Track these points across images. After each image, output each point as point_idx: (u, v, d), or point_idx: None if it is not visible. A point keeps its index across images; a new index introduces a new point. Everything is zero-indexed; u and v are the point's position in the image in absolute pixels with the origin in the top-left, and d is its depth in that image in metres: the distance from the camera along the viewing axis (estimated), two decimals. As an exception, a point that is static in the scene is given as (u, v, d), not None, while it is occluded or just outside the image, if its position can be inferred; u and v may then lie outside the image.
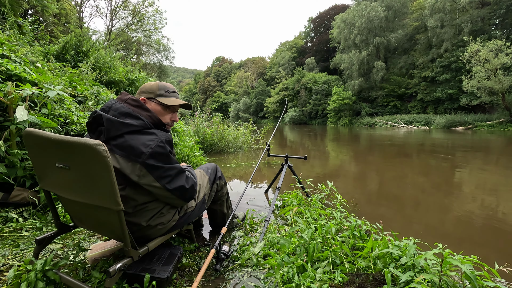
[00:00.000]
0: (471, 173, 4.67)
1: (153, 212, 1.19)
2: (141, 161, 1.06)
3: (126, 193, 1.08)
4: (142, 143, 1.08)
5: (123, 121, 1.09)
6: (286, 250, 1.40)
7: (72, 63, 5.28)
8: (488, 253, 1.96)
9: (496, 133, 14.83)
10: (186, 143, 4.05)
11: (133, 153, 1.06)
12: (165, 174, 1.13)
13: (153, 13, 24.51)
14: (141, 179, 1.08)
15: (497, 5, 22.62)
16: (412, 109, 27.84)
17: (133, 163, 1.07)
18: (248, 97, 54.20)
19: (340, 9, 42.43)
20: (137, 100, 1.20)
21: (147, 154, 1.07)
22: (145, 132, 1.13)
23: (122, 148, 1.07)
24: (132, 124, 1.10)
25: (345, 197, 2.23)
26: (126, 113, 1.12)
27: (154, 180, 1.10)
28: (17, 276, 1.10)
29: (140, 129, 1.12)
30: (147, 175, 1.09)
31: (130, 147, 1.07)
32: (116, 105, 1.14)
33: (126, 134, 1.09)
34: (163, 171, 1.12)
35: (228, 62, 77.24)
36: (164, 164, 1.12)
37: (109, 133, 1.07)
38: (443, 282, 1.08)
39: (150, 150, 1.08)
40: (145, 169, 1.08)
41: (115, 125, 1.07)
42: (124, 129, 1.08)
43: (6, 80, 2.19)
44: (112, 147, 1.06)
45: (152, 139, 1.11)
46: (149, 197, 1.15)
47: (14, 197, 1.91)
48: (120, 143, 1.07)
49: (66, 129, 2.39)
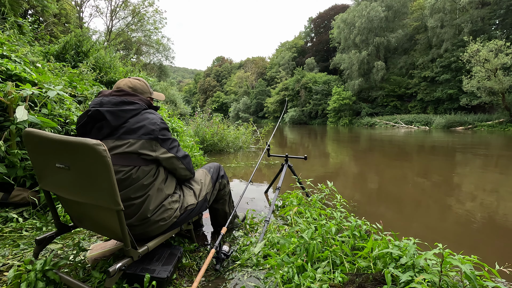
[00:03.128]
0: (471, 173, 4.67)
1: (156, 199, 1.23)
2: (154, 137, 1.19)
3: (139, 173, 1.16)
4: (149, 122, 1.20)
5: (122, 109, 1.17)
6: (286, 250, 1.40)
7: (72, 63, 5.28)
8: (488, 253, 1.96)
9: (496, 133, 14.83)
10: (186, 143, 4.05)
11: (144, 132, 1.17)
12: (173, 145, 1.29)
13: (153, 13, 24.52)
14: (157, 152, 1.21)
15: (497, 5, 22.61)
16: (412, 109, 27.82)
17: (147, 141, 1.17)
18: (248, 97, 54.18)
19: (340, 9, 42.41)
20: (121, 89, 1.27)
21: (157, 129, 1.20)
22: (145, 112, 1.24)
23: (132, 131, 1.16)
24: (131, 109, 1.20)
25: (345, 197, 2.23)
26: (120, 102, 1.19)
27: (166, 151, 1.25)
28: (17, 276, 1.09)
29: (140, 111, 1.23)
30: (160, 148, 1.23)
31: (139, 128, 1.17)
32: (105, 99, 1.18)
33: (130, 119, 1.18)
34: (170, 142, 1.28)
35: (228, 62, 77.21)
36: (170, 137, 1.28)
37: (113, 123, 1.14)
38: (443, 282, 1.08)
39: (158, 126, 1.21)
40: (158, 143, 1.21)
41: (118, 114, 1.15)
42: (126, 115, 1.18)
43: (6, 80, 2.19)
44: (122, 134, 1.14)
45: (154, 117, 1.23)
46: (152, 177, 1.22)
47: (14, 197, 1.91)
48: (129, 128, 1.16)
49: (66, 129, 2.39)
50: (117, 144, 1.13)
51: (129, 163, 1.13)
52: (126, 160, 1.13)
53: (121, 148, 1.13)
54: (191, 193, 1.44)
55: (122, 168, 1.12)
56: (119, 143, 1.13)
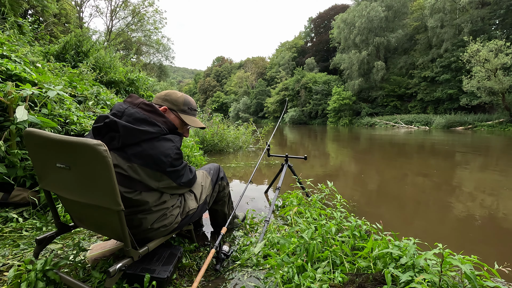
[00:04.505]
0: (471, 173, 4.67)
1: (159, 213, 1.20)
2: (161, 170, 1.12)
3: (142, 197, 1.12)
4: (161, 152, 1.11)
5: (140, 128, 1.08)
6: (286, 250, 1.40)
7: (72, 63, 5.28)
8: (488, 253, 1.96)
9: (496, 133, 14.83)
10: (186, 143, 4.05)
11: (153, 162, 1.10)
12: (180, 174, 1.22)
13: (153, 13, 24.54)
14: (160, 183, 1.15)
15: (497, 5, 22.61)
16: (412, 109, 27.82)
17: (153, 172, 1.11)
18: (248, 97, 54.17)
19: (340, 9, 42.41)
20: (151, 104, 1.18)
21: (168, 163, 1.13)
22: (162, 138, 1.15)
23: (141, 157, 1.08)
24: (149, 131, 1.10)
25: (345, 197, 2.23)
26: (142, 119, 1.10)
27: (171, 182, 1.19)
28: (17, 276, 1.09)
29: (158, 135, 1.13)
30: (166, 179, 1.17)
31: (149, 157, 1.09)
32: (129, 110, 1.11)
33: (144, 142, 1.09)
34: (178, 173, 1.21)
35: (228, 62, 77.21)
36: (179, 167, 1.20)
37: (125, 140, 1.07)
38: (443, 282, 1.08)
39: (170, 159, 1.13)
40: (164, 175, 1.15)
41: (133, 133, 1.07)
42: (142, 137, 1.09)
43: (6, 80, 2.19)
44: (130, 156, 1.07)
45: (170, 147, 1.14)
46: (158, 199, 1.19)
47: (14, 197, 1.91)
48: (139, 152, 1.08)
49: (66, 129, 2.39)
50: (122, 164, 1.07)
51: (130, 185, 1.08)
52: (128, 182, 1.08)
53: (124, 170, 1.07)
54: (192, 197, 1.43)
55: (122, 189, 1.06)
56: (125, 164, 1.07)
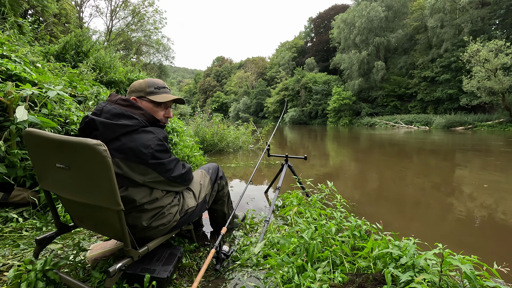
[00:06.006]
0: (471, 173, 4.67)
1: (153, 211, 1.19)
2: (144, 162, 1.10)
3: (128, 193, 1.10)
4: (142, 143, 1.09)
5: (117, 123, 1.08)
6: (286, 250, 1.40)
7: (72, 63, 5.28)
8: (488, 253, 1.96)
9: (496, 133, 14.83)
10: (186, 143, 4.04)
11: (134, 155, 1.08)
12: (167, 168, 1.18)
13: (153, 13, 24.53)
14: (146, 177, 1.12)
15: (497, 5, 22.60)
16: (412, 109, 27.81)
17: (136, 164, 1.09)
18: (248, 97, 54.16)
19: (340, 9, 42.39)
20: (127, 99, 1.18)
21: (149, 155, 1.10)
22: (142, 131, 1.13)
23: (122, 151, 1.07)
24: (127, 124, 1.09)
25: (345, 197, 2.23)
26: (119, 114, 1.10)
27: (158, 175, 1.16)
28: (17, 276, 1.09)
29: (136, 128, 1.12)
30: (151, 173, 1.13)
31: (130, 150, 1.07)
32: (107, 107, 1.12)
33: (123, 135, 1.09)
34: (165, 166, 1.17)
35: (228, 62, 77.19)
36: (165, 160, 1.17)
37: (105, 136, 1.06)
38: (443, 282, 1.08)
39: (151, 150, 1.10)
40: (149, 168, 1.12)
41: (110, 128, 1.07)
42: (120, 131, 1.08)
43: (6, 80, 2.19)
44: (112, 151, 1.04)
45: (150, 139, 1.12)
46: (149, 196, 1.16)
47: (14, 197, 1.91)
48: (119, 146, 1.07)
49: (66, 129, 2.39)
50: None
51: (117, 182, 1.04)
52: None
53: None
54: (191, 195, 1.43)
55: None
56: None
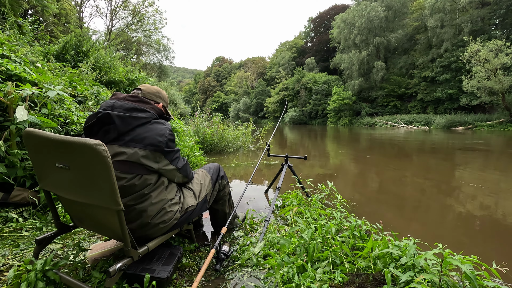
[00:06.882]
0: (471, 173, 4.67)
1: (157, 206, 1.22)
2: (160, 150, 1.19)
3: (141, 181, 1.16)
4: (157, 133, 1.19)
5: (132, 115, 1.16)
6: (286, 250, 1.40)
7: (72, 63, 5.28)
8: (488, 253, 1.96)
9: (496, 133, 14.83)
10: (186, 143, 4.05)
11: (151, 143, 1.16)
12: (175, 156, 1.29)
13: (153, 13, 24.54)
14: (160, 164, 1.22)
15: (497, 5, 22.59)
16: (412, 109, 27.80)
17: (152, 152, 1.17)
18: (248, 97, 54.15)
19: (340, 9, 42.39)
20: (136, 95, 1.27)
21: (164, 142, 1.20)
22: (155, 122, 1.23)
23: (139, 141, 1.15)
24: (142, 116, 1.19)
25: (345, 197, 2.23)
26: (132, 108, 1.19)
27: (168, 163, 1.25)
28: (17, 276, 1.10)
29: (150, 120, 1.22)
30: (163, 160, 1.23)
31: (147, 139, 1.16)
32: (117, 103, 1.18)
33: (138, 127, 1.17)
34: (173, 154, 1.28)
35: (228, 62, 77.17)
36: (174, 148, 1.28)
37: (121, 129, 1.13)
38: (443, 282, 1.08)
39: (166, 139, 1.21)
40: (162, 155, 1.21)
41: (127, 121, 1.15)
42: (135, 123, 1.17)
43: (6, 80, 2.19)
44: (128, 142, 1.13)
45: (163, 129, 1.23)
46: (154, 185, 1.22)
47: (14, 197, 1.91)
48: (135, 137, 1.15)
49: (66, 129, 2.39)
50: (122, 151, 1.11)
51: (132, 171, 1.13)
52: (129, 168, 1.12)
53: (125, 156, 1.11)
54: (191, 194, 1.44)
55: (124, 175, 1.11)
56: (124, 150, 1.12)
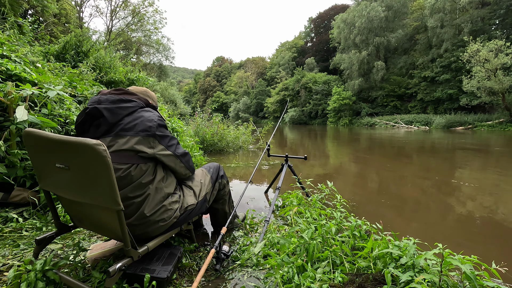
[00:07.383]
0: (471, 173, 4.67)
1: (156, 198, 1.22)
2: (151, 134, 1.19)
3: (136, 171, 1.16)
4: (146, 119, 1.21)
5: (120, 106, 1.19)
6: (286, 250, 1.40)
7: (72, 63, 5.28)
8: (488, 253, 1.96)
9: (496, 133, 14.83)
10: (186, 143, 4.05)
11: (141, 129, 1.18)
12: (171, 143, 1.29)
13: (153, 13, 24.54)
14: (155, 150, 1.21)
15: (497, 5, 22.60)
16: (412, 109, 27.80)
17: (144, 138, 1.18)
18: (248, 97, 54.13)
19: (340, 9, 42.38)
20: (119, 88, 1.30)
21: (154, 126, 1.21)
22: (142, 110, 1.25)
23: (129, 129, 1.17)
24: (128, 106, 1.22)
25: (345, 197, 2.23)
26: (118, 100, 1.21)
27: (164, 148, 1.25)
28: (17, 276, 1.09)
29: (136, 108, 1.24)
30: (158, 145, 1.22)
31: (136, 125, 1.18)
32: (103, 97, 1.21)
33: (126, 116, 1.19)
34: (168, 140, 1.27)
35: (228, 62, 77.16)
36: (168, 134, 1.29)
37: (110, 121, 1.15)
38: (443, 282, 1.08)
39: (155, 123, 1.22)
40: (156, 140, 1.21)
41: (114, 112, 1.17)
42: (123, 112, 1.19)
43: (6, 80, 2.19)
44: (119, 132, 1.15)
45: (151, 115, 1.25)
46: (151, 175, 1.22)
47: (14, 197, 1.91)
48: (125, 125, 1.17)
49: (66, 129, 2.39)
50: (114, 142, 1.14)
51: (126, 160, 1.14)
52: (124, 158, 1.14)
53: (118, 146, 1.13)
54: (191, 193, 1.44)
55: (120, 166, 1.12)
56: (116, 140, 1.14)
